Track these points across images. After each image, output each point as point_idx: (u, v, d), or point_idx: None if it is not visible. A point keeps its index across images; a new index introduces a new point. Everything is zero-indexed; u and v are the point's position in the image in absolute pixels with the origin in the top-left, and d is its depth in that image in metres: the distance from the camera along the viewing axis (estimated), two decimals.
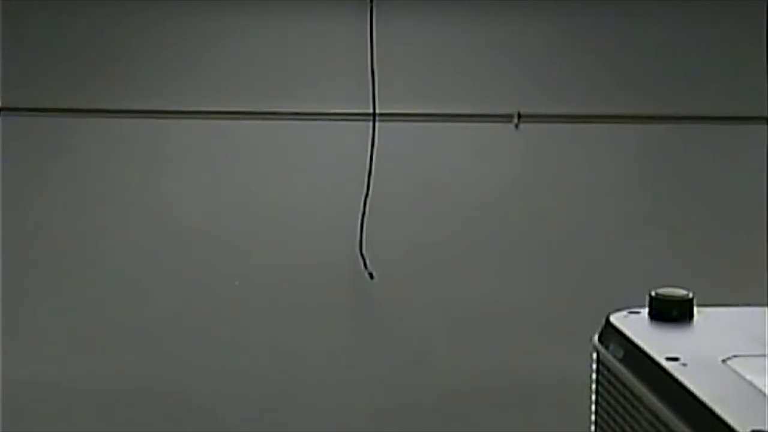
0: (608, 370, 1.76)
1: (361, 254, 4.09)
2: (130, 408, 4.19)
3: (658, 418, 1.54)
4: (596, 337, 1.84)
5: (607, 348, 1.79)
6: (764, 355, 1.64)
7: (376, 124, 4.04)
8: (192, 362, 4.19)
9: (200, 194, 4.14)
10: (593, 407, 1.85)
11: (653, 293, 1.84)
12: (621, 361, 1.72)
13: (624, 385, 1.68)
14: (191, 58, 4.09)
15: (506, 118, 4.07)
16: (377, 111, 4.04)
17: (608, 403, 1.76)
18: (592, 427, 1.86)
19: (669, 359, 1.60)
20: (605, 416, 1.78)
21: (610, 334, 1.80)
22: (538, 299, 4.14)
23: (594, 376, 1.84)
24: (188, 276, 4.16)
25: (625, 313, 1.87)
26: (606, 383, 1.77)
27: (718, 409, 1.39)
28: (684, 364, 1.57)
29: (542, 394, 4.13)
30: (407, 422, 4.20)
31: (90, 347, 4.17)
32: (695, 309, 1.84)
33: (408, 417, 4.21)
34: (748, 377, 1.53)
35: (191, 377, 4.20)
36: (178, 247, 4.15)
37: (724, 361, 1.60)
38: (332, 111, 4.08)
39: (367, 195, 4.06)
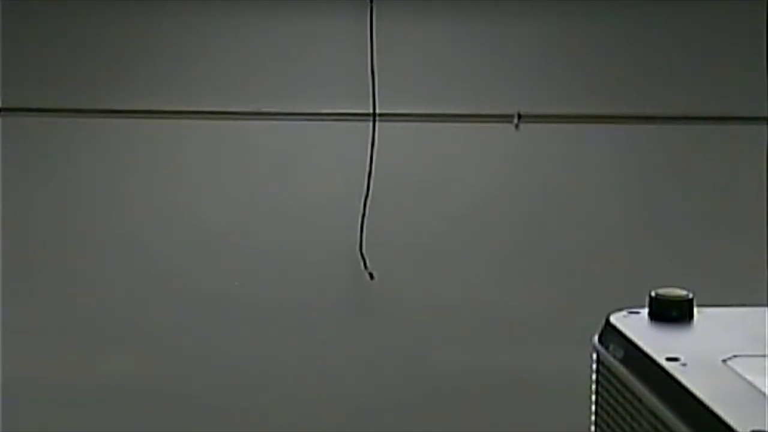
0: (608, 370, 1.76)
1: (361, 254, 4.09)
2: (129, 407, 4.20)
3: (658, 418, 1.54)
4: (596, 337, 1.84)
5: (607, 348, 1.78)
6: (764, 355, 1.64)
7: (376, 124, 4.05)
8: (192, 361, 4.19)
9: (200, 194, 4.14)
10: (593, 407, 1.85)
11: (653, 293, 1.84)
12: (621, 361, 1.72)
13: (624, 385, 1.68)
14: (191, 58, 4.09)
15: (506, 118, 4.07)
16: (377, 111, 4.04)
17: (608, 403, 1.76)
18: (592, 428, 1.86)
19: (669, 359, 1.59)
20: (605, 416, 1.78)
21: (610, 334, 1.80)
22: (538, 299, 4.14)
23: (594, 376, 1.83)
24: (188, 275, 4.16)
25: (625, 313, 1.87)
26: (606, 383, 1.77)
27: (718, 409, 1.39)
28: (684, 364, 1.57)
29: (542, 393, 4.13)
30: (407, 422, 4.20)
31: (90, 347, 4.18)
32: (695, 309, 1.84)
33: (408, 416, 4.20)
34: (748, 377, 1.53)
35: (192, 376, 4.20)
36: (178, 247, 4.15)
37: (724, 361, 1.60)
38: (332, 111, 4.08)
39: (367, 195, 4.06)
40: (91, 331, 4.17)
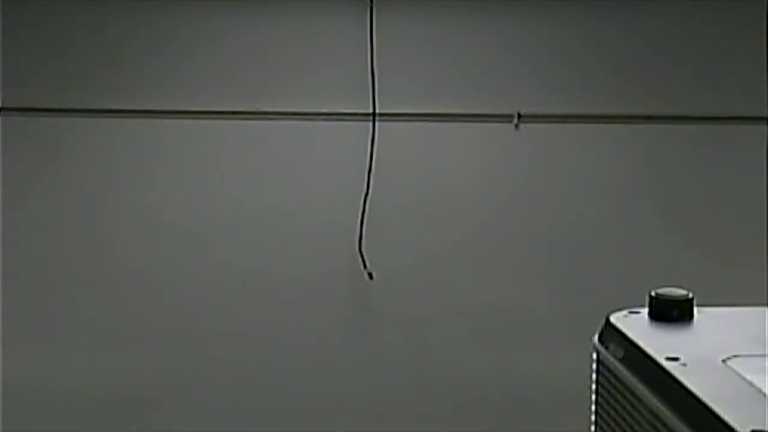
0: (608, 370, 1.76)
1: (361, 254, 4.09)
2: (129, 410, 4.19)
3: (658, 418, 1.54)
4: (596, 337, 1.84)
5: (607, 348, 1.78)
6: (764, 355, 1.64)
7: (376, 124, 4.04)
8: (192, 364, 4.19)
9: (200, 194, 4.14)
10: (593, 407, 1.85)
11: (653, 293, 1.83)
12: (621, 361, 1.72)
13: (624, 385, 1.68)
14: (191, 58, 4.09)
15: (506, 118, 4.07)
16: (377, 111, 4.04)
17: (608, 403, 1.76)
18: (592, 427, 1.86)
19: (669, 359, 1.59)
20: (605, 416, 1.78)
21: (610, 334, 1.80)
22: (538, 299, 4.14)
23: (594, 376, 1.83)
24: (188, 275, 4.16)
25: (625, 313, 1.87)
26: (606, 383, 1.77)
27: (718, 409, 1.39)
28: (684, 364, 1.57)
29: (542, 394, 4.13)
30: (406, 423, 4.20)
31: (90, 348, 4.17)
32: (695, 309, 1.84)
33: (407, 417, 4.20)
34: (748, 377, 1.53)
35: (192, 379, 4.20)
36: (178, 247, 4.15)
37: (724, 361, 1.60)
38: (332, 111, 4.08)
39: (367, 195, 4.06)
40: (91, 332, 4.17)
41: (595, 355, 1.83)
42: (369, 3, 3.98)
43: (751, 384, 1.51)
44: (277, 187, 4.14)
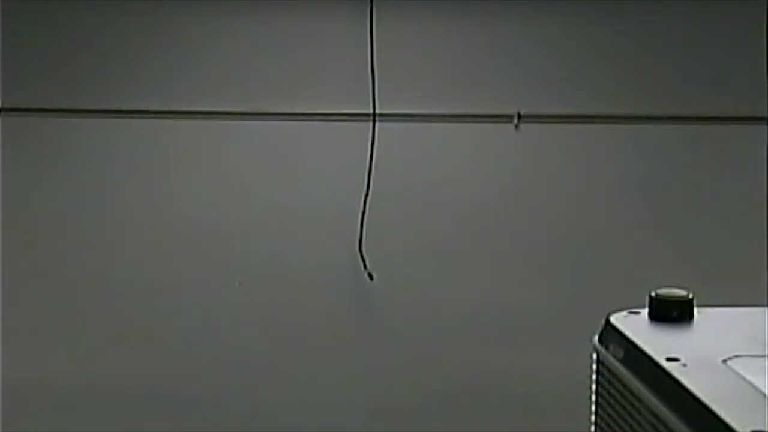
0: (608, 370, 1.76)
1: (361, 254, 4.09)
2: (129, 408, 4.20)
3: (658, 418, 1.54)
4: (596, 338, 1.84)
5: (607, 348, 1.78)
6: (764, 355, 1.64)
7: (376, 124, 4.04)
8: (192, 362, 4.19)
9: (200, 194, 4.14)
10: (593, 407, 1.85)
11: (653, 293, 1.84)
12: (621, 361, 1.72)
13: (624, 385, 1.68)
14: (191, 58, 4.09)
15: (506, 118, 4.07)
16: (377, 111, 4.04)
17: (608, 403, 1.76)
18: (592, 428, 1.86)
19: (669, 359, 1.60)
20: (605, 416, 1.78)
21: (610, 334, 1.80)
22: (538, 299, 4.14)
23: (594, 376, 1.83)
24: (188, 275, 4.16)
25: (625, 313, 1.87)
26: (606, 383, 1.77)
27: (718, 409, 1.39)
28: (684, 365, 1.57)
29: (542, 394, 4.13)
30: (407, 423, 4.20)
31: (90, 347, 4.18)
32: (695, 309, 1.84)
33: (407, 417, 4.20)
34: (748, 377, 1.53)
35: (191, 377, 4.20)
36: (178, 247, 4.15)
37: (724, 361, 1.60)
38: (332, 111, 4.08)
39: (367, 195, 4.06)
40: (91, 332, 4.17)
41: (595, 356, 1.83)
42: (369, 3, 3.98)
43: (751, 384, 1.51)
44: (277, 187, 4.14)
